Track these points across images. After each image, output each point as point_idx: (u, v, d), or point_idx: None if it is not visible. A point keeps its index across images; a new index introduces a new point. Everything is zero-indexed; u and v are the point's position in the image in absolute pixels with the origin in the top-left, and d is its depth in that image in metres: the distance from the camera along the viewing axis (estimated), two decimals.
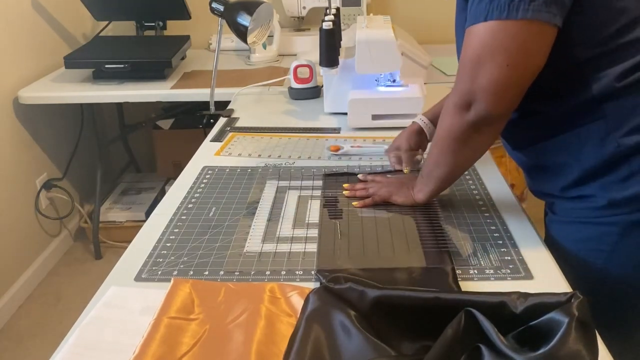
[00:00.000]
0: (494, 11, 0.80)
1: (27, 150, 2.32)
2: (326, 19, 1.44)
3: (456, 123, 0.90)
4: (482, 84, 0.84)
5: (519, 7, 0.78)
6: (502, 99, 0.85)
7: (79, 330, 0.78)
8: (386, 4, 2.65)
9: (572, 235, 0.96)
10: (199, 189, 1.18)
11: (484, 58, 0.83)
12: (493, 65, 0.82)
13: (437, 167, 0.99)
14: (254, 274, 0.90)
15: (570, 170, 0.92)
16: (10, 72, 2.19)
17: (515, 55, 0.82)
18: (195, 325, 0.78)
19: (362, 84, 1.48)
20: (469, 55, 0.85)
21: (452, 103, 0.90)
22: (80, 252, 2.61)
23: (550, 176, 0.97)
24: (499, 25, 0.80)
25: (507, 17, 0.79)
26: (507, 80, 0.83)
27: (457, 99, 0.89)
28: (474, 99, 0.86)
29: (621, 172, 0.87)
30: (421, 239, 0.97)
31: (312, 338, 0.72)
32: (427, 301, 0.73)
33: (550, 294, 0.68)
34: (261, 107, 1.73)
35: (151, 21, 2.47)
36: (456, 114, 0.90)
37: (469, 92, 0.87)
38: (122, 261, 0.95)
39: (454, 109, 0.90)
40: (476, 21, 0.83)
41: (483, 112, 0.87)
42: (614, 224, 0.90)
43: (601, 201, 0.90)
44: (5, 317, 2.17)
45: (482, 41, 0.83)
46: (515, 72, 0.83)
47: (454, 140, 0.93)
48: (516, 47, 0.81)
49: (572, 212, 0.96)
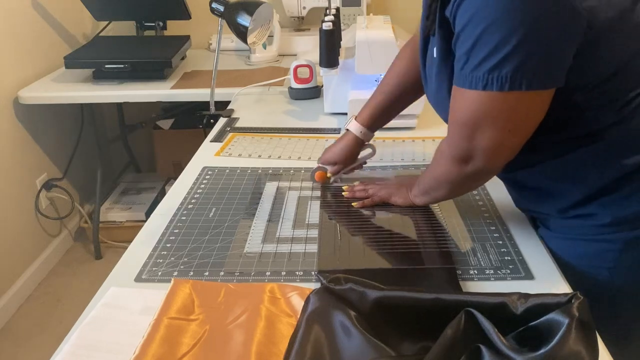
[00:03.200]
0: (495, 83, 0.75)
1: (27, 150, 2.32)
2: (326, 19, 1.44)
3: (454, 172, 0.90)
4: (481, 145, 0.82)
5: (522, 80, 0.74)
6: (501, 156, 0.84)
7: (79, 330, 0.78)
8: (386, 4, 2.65)
9: (572, 251, 0.93)
10: (199, 189, 1.18)
11: (482, 123, 0.80)
12: (493, 130, 0.80)
13: (433, 191, 0.99)
14: (254, 274, 0.90)
15: (570, 194, 0.90)
16: (10, 72, 2.19)
17: (517, 122, 0.80)
18: (196, 325, 0.78)
19: (362, 84, 1.48)
20: (465, 118, 0.82)
21: (449, 155, 0.88)
22: (80, 252, 2.61)
23: (546, 198, 0.94)
24: (499, 96, 0.76)
25: (510, 89, 0.75)
26: (508, 142, 0.82)
27: (454, 153, 0.87)
28: (471, 156, 0.85)
29: (623, 191, 0.85)
30: (421, 239, 0.97)
31: (313, 338, 0.72)
32: (427, 302, 0.73)
33: (551, 295, 0.68)
34: (261, 107, 1.73)
35: (151, 21, 2.47)
36: (454, 166, 0.88)
37: (466, 149, 0.84)
38: (122, 261, 0.95)
39: (451, 160, 0.88)
40: (471, 87, 0.78)
41: (481, 167, 0.85)
42: (616, 240, 0.88)
43: (604, 219, 0.87)
44: (5, 317, 2.17)
45: (480, 108, 0.79)
46: (515, 134, 0.81)
47: (450, 184, 0.93)
48: (518, 116, 0.79)
49: (571, 230, 0.93)
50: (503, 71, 0.74)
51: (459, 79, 0.81)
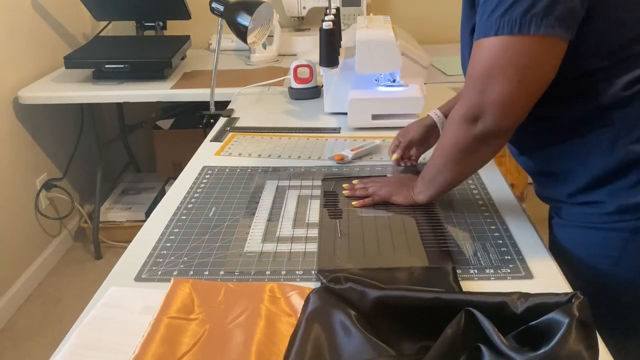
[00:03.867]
0: (505, 26, 0.78)
1: (27, 150, 2.32)
2: (326, 19, 1.44)
3: (462, 135, 0.90)
4: (491, 99, 0.83)
5: (530, 23, 0.77)
6: (510, 113, 0.84)
7: (79, 330, 0.78)
8: (386, 4, 2.65)
9: (578, 239, 0.95)
10: (198, 189, 1.18)
11: (494, 73, 0.81)
12: (503, 80, 0.81)
13: (439, 174, 0.99)
14: (254, 273, 0.90)
15: (578, 177, 0.92)
16: (10, 72, 2.19)
17: (526, 71, 0.80)
18: (195, 325, 0.78)
19: (362, 84, 1.48)
20: (478, 69, 0.84)
21: (459, 115, 0.89)
22: (80, 252, 2.61)
23: (557, 182, 0.96)
24: (510, 40, 0.79)
25: (519, 32, 0.77)
26: (517, 95, 0.82)
27: (464, 111, 0.88)
28: (482, 112, 0.85)
29: (630, 179, 0.87)
30: (422, 238, 0.97)
31: (313, 338, 0.72)
32: (428, 301, 0.73)
33: (551, 294, 0.68)
34: (261, 107, 1.73)
35: (151, 21, 2.47)
36: (463, 126, 0.89)
37: (477, 105, 0.85)
38: (122, 261, 0.95)
39: (460, 120, 0.89)
40: (486, 35, 0.81)
41: (490, 126, 0.86)
42: (622, 229, 0.89)
43: (610, 207, 0.89)
44: (5, 317, 2.17)
45: (492, 56, 0.81)
46: (525, 88, 0.82)
47: (459, 151, 0.92)
48: (527, 63, 0.80)
49: (579, 217, 0.95)
50: (513, 14, 0.77)
51: (477, 32, 0.83)
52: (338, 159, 1.28)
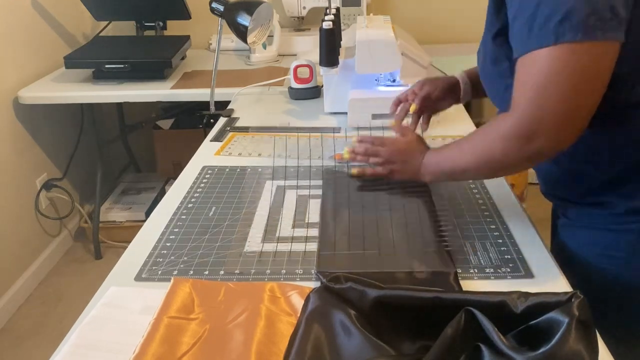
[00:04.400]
0: (567, 33, 0.72)
1: (27, 150, 2.32)
2: (326, 18, 1.44)
3: (514, 153, 0.83)
4: (552, 113, 0.77)
5: (595, 27, 0.72)
6: (572, 128, 0.79)
7: (79, 330, 0.78)
8: (386, 4, 2.65)
9: (585, 240, 0.94)
10: (198, 189, 1.18)
11: (554, 84, 0.76)
12: (565, 93, 0.76)
13: (463, 174, 0.95)
14: (254, 273, 0.90)
15: (591, 178, 0.90)
16: (10, 72, 2.19)
17: (591, 81, 0.76)
18: (195, 324, 0.78)
19: (362, 84, 1.48)
20: (534, 81, 0.77)
21: (510, 130, 0.82)
22: (80, 252, 2.61)
23: (568, 182, 0.95)
24: (572, 47, 0.73)
25: (583, 38, 0.72)
26: (579, 108, 0.77)
27: (517, 127, 0.80)
28: (540, 128, 0.79)
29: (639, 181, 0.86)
30: (422, 238, 0.97)
31: (312, 337, 0.72)
32: (428, 301, 0.73)
33: (551, 294, 0.68)
34: (261, 107, 1.73)
35: (151, 21, 2.47)
36: (514, 143, 0.81)
37: (534, 121, 0.78)
38: (122, 261, 0.95)
39: (511, 136, 0.81)
40: (540, 45, 0.75)
41: (548, 144, 0.80)
42: (631, 231, 0.88)
43: (620, 208, 0.88)
44: (5, 317, 2.17)
45: (551, 65, 0.75)
46: (585, 99, 0.77)
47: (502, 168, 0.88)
48: (592, 72, 0.75)
49: (587, 217, 0.94)
50: (574, 20, 0.72)
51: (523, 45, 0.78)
52: (338, 159, 1.28)
